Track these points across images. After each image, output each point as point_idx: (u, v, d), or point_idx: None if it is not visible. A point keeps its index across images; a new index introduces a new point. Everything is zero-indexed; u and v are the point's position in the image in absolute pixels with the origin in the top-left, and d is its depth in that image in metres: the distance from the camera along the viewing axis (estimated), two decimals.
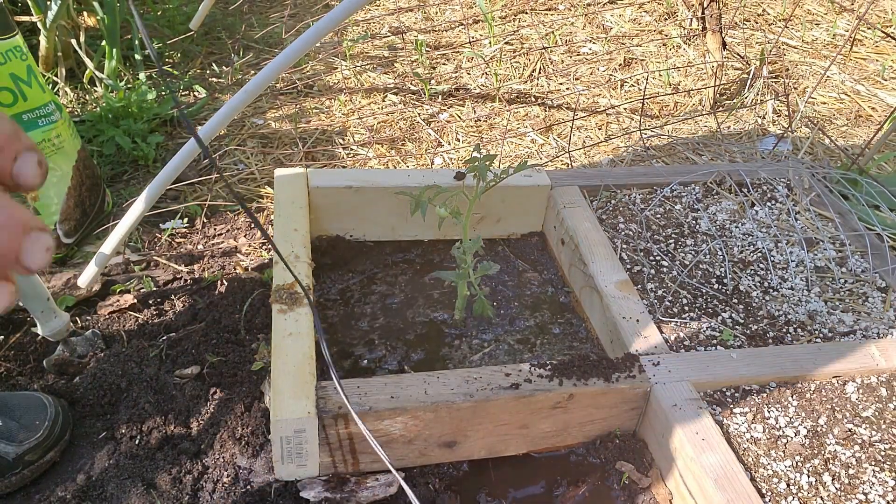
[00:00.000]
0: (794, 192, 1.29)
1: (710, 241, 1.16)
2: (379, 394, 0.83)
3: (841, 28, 2.32)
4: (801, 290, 1.09)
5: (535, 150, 1.72)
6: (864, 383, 0.94)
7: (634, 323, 0.97)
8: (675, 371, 0.90)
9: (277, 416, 0.79)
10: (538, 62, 2.05)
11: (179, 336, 1.07)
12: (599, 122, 1.85)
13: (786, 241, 1.17)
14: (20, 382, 1.01)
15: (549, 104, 1.90)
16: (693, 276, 1.10)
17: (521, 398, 0.85)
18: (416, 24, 2.26)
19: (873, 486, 0.82)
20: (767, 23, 2.35)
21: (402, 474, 0.86)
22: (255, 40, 2.09)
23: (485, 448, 0.89)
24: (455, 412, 0.84)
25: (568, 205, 1.18)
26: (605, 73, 2.04)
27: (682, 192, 1.27)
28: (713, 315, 1.03)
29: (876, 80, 2.08)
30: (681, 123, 1.86)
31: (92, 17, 1.82)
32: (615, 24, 2.26)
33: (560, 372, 0.87)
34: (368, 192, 1.14)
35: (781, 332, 1.02)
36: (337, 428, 0.81)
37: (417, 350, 1.02)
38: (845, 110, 1.96)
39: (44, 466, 0.89)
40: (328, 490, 0.83)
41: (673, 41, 2.14)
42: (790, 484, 0.81)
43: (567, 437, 0.91)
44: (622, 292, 1.02)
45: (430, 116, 1.83)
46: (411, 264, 1.18)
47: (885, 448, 0.86)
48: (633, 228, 1.18)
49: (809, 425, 0.88)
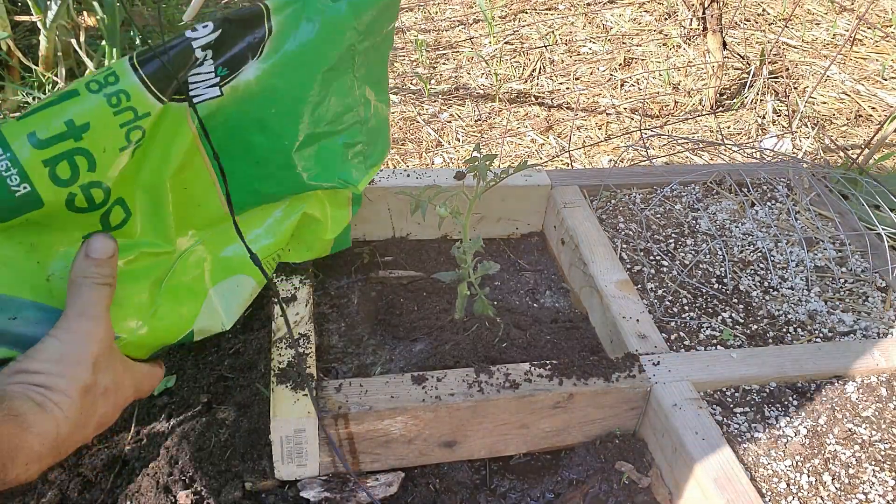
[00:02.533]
0: (794, 191, 1.29)
1: (710, 240, 1.16)
2: (379, 393, 0.83)
3: (841, 28, 2.32)
4: (801, 289, 1.09)
5: (535, 149, 1.73)
6: (864, 383, 0.94)
7: (634, 323, 0.97)
8: (675, 371, 0.90)
9: (277, 416, 0.79)
10: (538, 62, 2.05)
11: None
12: (599, 121, 1.85)
13: (786, 241, 1.17)
14: None
15: (549, 104, 1.91)
16: (693, 275, 1.10)
17: (521, 398, 0.85)
18: (417, 23, 2.26)
19: (873, 486, 0.82)
20: (767, 22, 2.35)
21: (402, 473, 0.86)
22: None
23: (485, 448, 0.89)
24: (455, 412, 0.84)
25: (568, 204, 1.18)
26: (605, 73, 2.05)
27: (682, 192, 1.27)
28: (713, 315, 1.03)
29: (876, 80, 2.08)
30: (681, 123, 1.86)
31: (92, 17, 1.82)
32: (615, 23, 2.26)
33: (560, 372, 0.87)
34: (368, 191, 1.14)
35: (781, 331, 1.02)
36: (337, 428, 0.81)
37: (418, 350, 1.02)
38: (845, 110, 1.97)
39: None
40: (328, 490, 0.83)
41: (673, 41, 2.14)
42: (790, 484, 0.81)
43: (567, 437, 0.91)
44: (622, 292, 1.02)
45: (431, 116, 1.83)
46: (412, 265, 1.18)
47: (885, 448, 0.86)
48: (633, 228, 1.18)
49: (809, 425, 0.88)
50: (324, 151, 0.78)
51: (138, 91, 0.65)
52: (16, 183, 0.60)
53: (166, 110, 0.69)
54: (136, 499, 0.85)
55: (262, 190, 0.77)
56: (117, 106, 0.64)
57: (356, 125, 0.79)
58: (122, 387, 0.70)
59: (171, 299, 0.76)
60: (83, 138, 0.62)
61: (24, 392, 0.60)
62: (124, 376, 0.70)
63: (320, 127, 0.77)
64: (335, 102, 0.77)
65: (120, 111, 0.64)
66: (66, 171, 0.62)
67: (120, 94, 0.64)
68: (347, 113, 0.78)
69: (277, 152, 0.76)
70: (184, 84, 0.69)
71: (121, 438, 0.93)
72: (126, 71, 0.65)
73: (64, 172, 0.62)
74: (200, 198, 0.75)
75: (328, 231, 0.83)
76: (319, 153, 0.78)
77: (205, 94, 0.71)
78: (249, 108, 0.74)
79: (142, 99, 0.65)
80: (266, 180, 0.77)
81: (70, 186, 0.63)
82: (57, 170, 0.61)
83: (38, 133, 0.61)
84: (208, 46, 0.69)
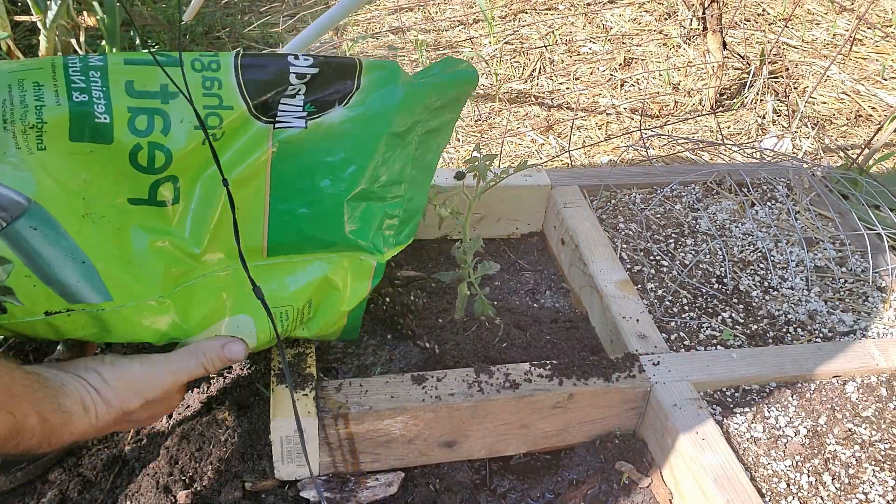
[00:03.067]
0: (794, 191, 1.29)
1: (710, 240, 1.16)
2: (379, 393, 0.83)
3: (841, 28, 2.32)
4: (801, 289, 1.09)
5: (535, 149, 1.73)
6: (864, 383, 0.94)
7: (634, 322, 0.97)
8: (675, 371, 0.90)
9: (277, 416, 0.79)
10: (538, 62, 2.05)
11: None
12: (599, 121, 1.85)
13: (786, 241, 1.17)
14: None
15: (549, 104, 1.91)
16: (693, 275, 1.10)
17: (522, 398, 0.85)
18: (417, 23, 2.26)
19: (873, 486, 0.82)
20: (767, 22, 2.35)
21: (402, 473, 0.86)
22: (255, 40, 2.09)
23: (485, 448, 0.89)
24: (455, 412, 0.84)
25: (568, 204, 1.18)
26: (605, 73, 2.05)
27: (682, 192, 1.27)
28: (713, 315, 1.03)
29: (876, 80, 2.08)
30: (681, 123, 1.86)
31: (92, 17, 1.82)
32: (615, 23, 2.26)
33: (560, 372, 0.87)
34: None
35: (781, 331, 1.02)
36: (337, 428, 0.81)
37: (417, 349, 1.02)
38: (845, 110, 1.97)
39: (49, 463, 0.89)
40: (328, 490, 0.83)
41: (673, 41, 2.14)
42: (790, 483, 0.81)
43: (567, 437, 0.91)
44: (622, 292, 1.02)
45: None
46: (412, 265, 1.18)
47: (885, 448, 0.86)
48: (633, 228, 1.18)
49: (809, 425, 0.88)
50: (368, 211, 0.81)
51: (231, 86, 0.71)
52: (100, 111, 0.66)
53: (251, 122, 0.73)
54: (136, 499, 0.85)
55: (306, 230, 0.80)
56: (209, 89, 0.70)
57: (399, 199, 0.83)
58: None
59: (184, 299, 0.76)
60: (169, 104, 0.69)
61: (78, 391, 0.69)
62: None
63: (374, 187, 0.80)
64: (391, 170, 0.81)
65: (208, 94, 0.70)
66: (143, 123, 0.68)
67: (214, 81, 0.71)
68: (395, 185, 0.82)
69: (333, 197, 0.79)
70: (273, 103, 0.74)
71: (121, 438, 0.93)
72: (229, 66, 0.71)
73: (141, 124, 0.68)
74: (246, 222, 0.77)
75: (345, 302, 0.84)
76: (365, 211, 0.81)
77: (290, 123, 0.75)
78: (325, 148, 0.78)
79: (231, 94, 0.71)
80: (312, 221, 0.80)
81: (140, 138, 0.68)
82: (136, 120, 0.68)
83: (136, 84, 0.68)
84: (303, 79, 0.74)
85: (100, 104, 0.66)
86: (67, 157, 0.67)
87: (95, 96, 0.66)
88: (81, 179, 0.69)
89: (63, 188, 0.68)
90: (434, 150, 0.85)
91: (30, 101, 0.65)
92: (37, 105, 0.65)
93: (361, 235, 0.81)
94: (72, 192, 0.69)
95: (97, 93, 0.66)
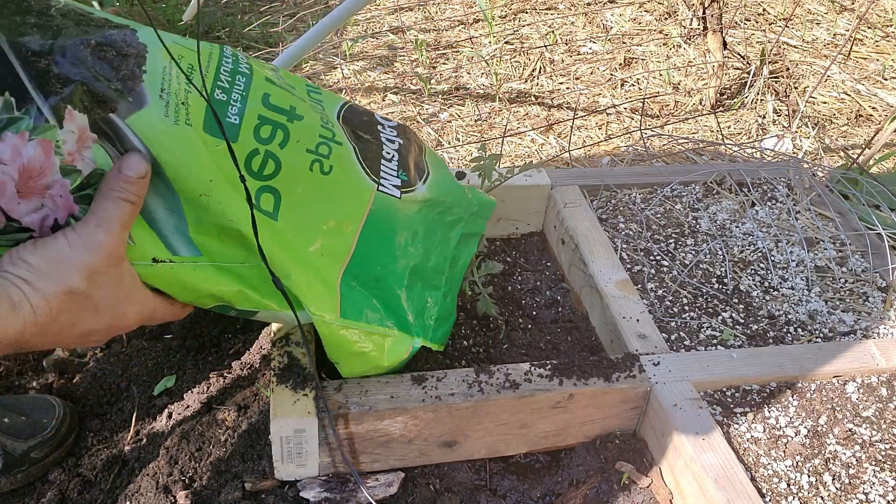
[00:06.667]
0: (795, 191, 1.29)
1: (711, 240, 1.16)
2: (379, 393, 0.83)
3: (841, 27, 2.32)
4: (801, 289, 1.09)
5: (535, 149, 1.73)
6: (865, 383, 0.94)
7: (634, 322, 0.97)
8: (676, 371, 0.90)
9: (277, 416, 0.79)
10: (538, 62, 2.05)
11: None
12: (599, 121, 1.85)
13: (786, 241, 1.17)
14: (19, 381, 1.01)
15: (549, 104, 1.91)
16: (693, 275, 1.10)
17: (521, 398, 0.85)
18: (417, 23, 2.25)
19: (874, 486, 0.82)
20: (768, 22, 2.34)
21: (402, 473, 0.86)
22: (255, 39, 2.09)
23: (485, 448, 0.89)
24: (455, 412, 0.84)
25: (568, 204, 1.18)
26: (605, 73, 2.04)
27: (682, 192, 1.27)
28: (713, 315, 1.03)
29: (876, 80, 2.08)
30: (681, 123, 1.86)
31: None
32: (615, 23, 2.26)
33: (560, 372, 0.87)
34: None
35: (781, 331, 1.02)
36: (337, 427, 0.81)
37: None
38: (845, 110, 1.96)
39: (49, 465, 0.89)
40: (328, 490, 0.83)
41: (673, 40, 2.14)
42: (790, 484, 0.81)
43: (567, 437, 0.91)
44: (622, 292, 1.02)
45: (431, 116, 1.83)
46: None
47: (885, 448, 0.86)
48: (633, 228, 1.18)
49: (810, 425, 0.88)
50: (417, 287, 0.86)
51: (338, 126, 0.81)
52: (233, 112, 0.72)
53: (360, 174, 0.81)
54: (135, 499, 0.84)
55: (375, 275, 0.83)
56: (325, 125, 0.79)
57: (437, 290, 0.88)
58: (121, 309, 0.68)
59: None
60: (293, 123, 0.75)
61: (4, 287, 0.59)
62: (129, 300, 0.68)
63: (426, 266, 0.87)
64: (439, 256, 0.88)
65: (325, 126, 0.79)
66: (266, 132, 0.73)
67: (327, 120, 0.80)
68: (439, 274, 0.88)
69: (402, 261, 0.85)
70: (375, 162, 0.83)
71: (121, 438, 0.93)
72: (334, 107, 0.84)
73: (265, 132, 0.73)
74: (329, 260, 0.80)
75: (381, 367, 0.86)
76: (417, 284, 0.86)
77: (388, 189, 0.83)
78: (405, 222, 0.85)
79: (339, 133, 0.80)
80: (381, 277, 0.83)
81: (259, 144, 0.73)
82: (261, 128, 0.73)
83: (272, 99, 0.75)
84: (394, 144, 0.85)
85: (235, 107, 0.72)
86: (202, 143, 0.69)
87: (234, 99, 0.72)
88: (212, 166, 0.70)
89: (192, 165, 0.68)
90: (464, 259, 0.91)
91: (182, 81, 0.68)
92: (186, 88, 0.68)
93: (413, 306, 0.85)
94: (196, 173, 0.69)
95: (236, 96, 0.72)
